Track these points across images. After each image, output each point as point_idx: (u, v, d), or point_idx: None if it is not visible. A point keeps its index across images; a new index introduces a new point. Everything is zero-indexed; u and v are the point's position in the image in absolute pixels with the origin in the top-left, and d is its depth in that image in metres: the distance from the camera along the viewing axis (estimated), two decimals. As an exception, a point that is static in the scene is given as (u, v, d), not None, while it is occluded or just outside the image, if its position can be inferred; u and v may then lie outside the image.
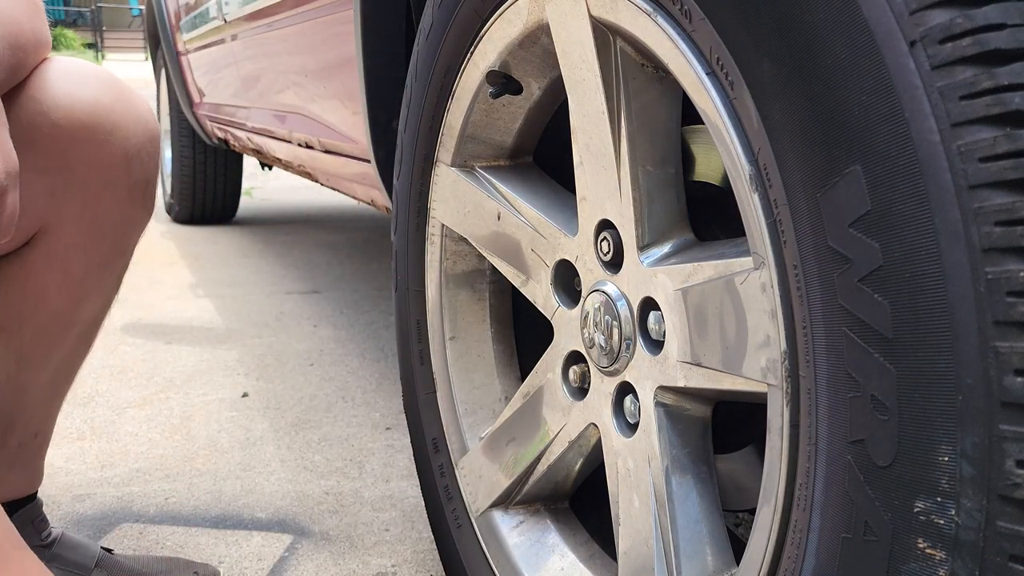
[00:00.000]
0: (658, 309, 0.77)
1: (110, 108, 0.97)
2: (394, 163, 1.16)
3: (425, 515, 1.19)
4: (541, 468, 0.98)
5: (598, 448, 0.89)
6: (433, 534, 1.17)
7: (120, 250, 1.08)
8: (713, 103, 0.64)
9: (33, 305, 1.03)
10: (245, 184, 4.91)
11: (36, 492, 1.19)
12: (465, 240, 1.05)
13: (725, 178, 0.72)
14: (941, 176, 0.48)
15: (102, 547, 1.21)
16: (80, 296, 1.06)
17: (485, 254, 1.03)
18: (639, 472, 0.81)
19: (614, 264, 0.82)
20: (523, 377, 1.03)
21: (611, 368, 0.83)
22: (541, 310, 0.96)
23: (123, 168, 0.99)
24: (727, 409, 0.85)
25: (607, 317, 0.83)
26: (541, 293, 0.94)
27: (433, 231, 1.09)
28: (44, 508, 1.19)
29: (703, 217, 0.82)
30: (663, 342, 0.76)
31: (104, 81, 0.99)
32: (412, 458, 1.22)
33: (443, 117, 1.03)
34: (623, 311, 0.81)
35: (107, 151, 0.97)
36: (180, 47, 3.69)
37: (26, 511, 1.15)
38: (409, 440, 1.21)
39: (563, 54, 0.83)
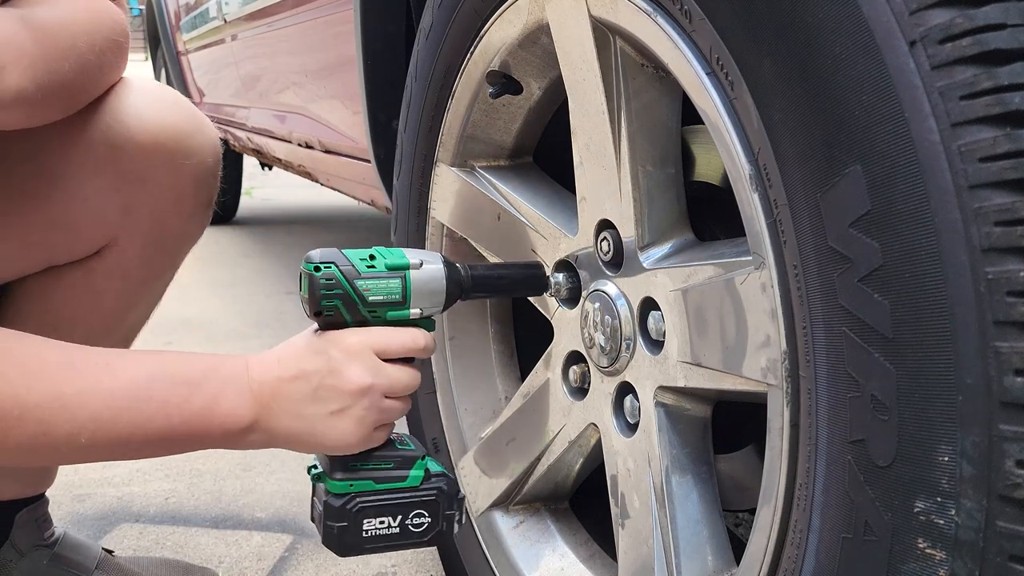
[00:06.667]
0: (658, 309, 0.77)
1: (190, 135, 1.02)
2: (394, 163, 1.17)
3: (425, 515, 1.19)
4: (541, 468, 0.98)
5: (598, 448, 0.89)
6: (433, 534, 1.17)
7: (175, 263, 1.13)
8: (713, 103, 0.63)
9: (89, 308, 1.06)
10: (245, 184, 4.91)
11: (44, 491, 1.19)
12: (465, 240, 1.05)
13: (725, 178, 0.72)
14: (941, 176, 0.48)
15: (103, 548, 1.21)
16: (133, 303, 1.10)
17: (485, 254, 1.03)
18: (639, 472, 0.81)
19: (614, 264, 0.82)
20: (523, 377, 1.03)
21: (611, 368, 0.83)
22: (541, 310, 0.96)
23: (192, 190, 1.04)
24: (727, 409, 0.85)
25: (607, 317, 0.83)
26: (541, 293, 0.94)
27: (433, 231, 1.10)
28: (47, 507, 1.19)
29: (703, 217, 0.82)
30: (663, 342, 0.76)
31: (184, 108, 1.04)
32: (412, 458, 1.22)
33: (443, 117, 1.03)
34: (623, 311, 0.81)
35: (181, 175, 1.02)
36: (180, 47, 3.69)
37: (31, 509, 1.15)
38: (409, 440, 1.21)
39: (563, 54, 0.83)
